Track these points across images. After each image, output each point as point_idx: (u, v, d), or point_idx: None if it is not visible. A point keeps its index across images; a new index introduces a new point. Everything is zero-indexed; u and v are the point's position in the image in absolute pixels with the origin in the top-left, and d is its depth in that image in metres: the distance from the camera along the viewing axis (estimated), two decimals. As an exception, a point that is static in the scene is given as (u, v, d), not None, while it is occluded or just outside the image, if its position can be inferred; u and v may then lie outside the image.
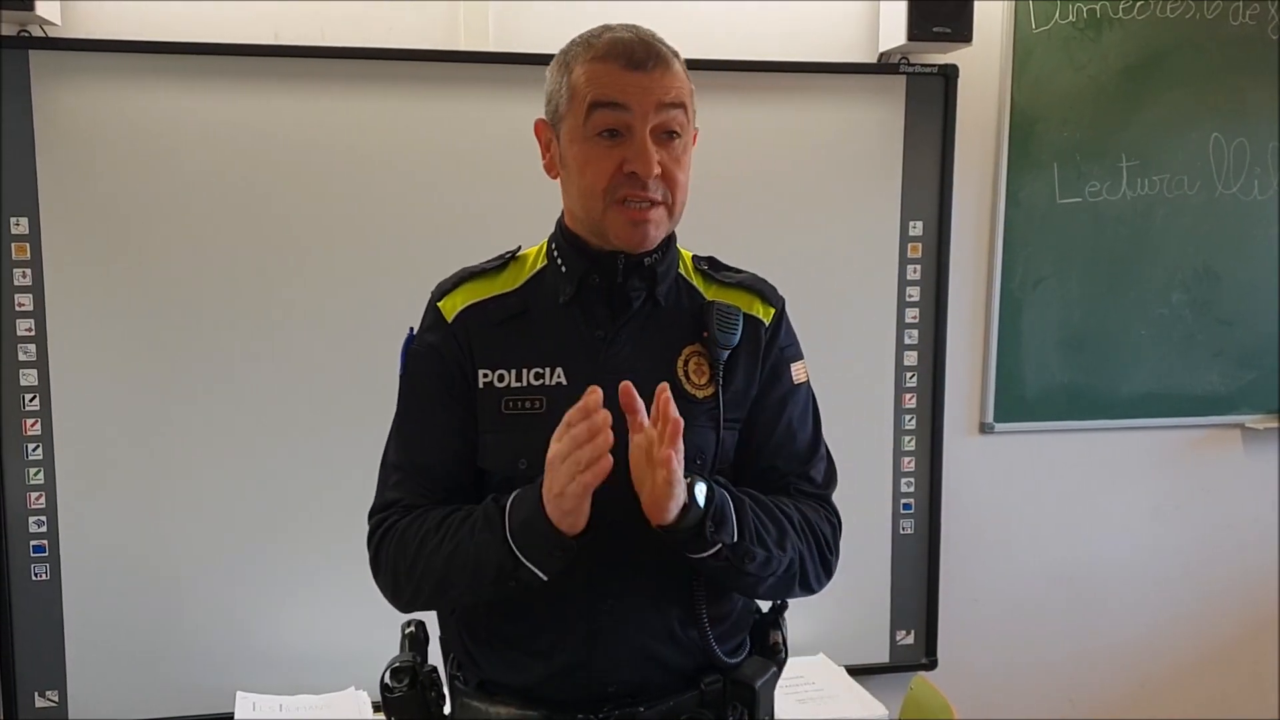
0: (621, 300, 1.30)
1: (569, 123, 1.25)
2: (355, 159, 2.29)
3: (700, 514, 1.16)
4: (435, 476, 1.31)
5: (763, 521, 1.24)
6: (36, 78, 2.15)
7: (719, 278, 1.37)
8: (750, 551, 1.21)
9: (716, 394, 1.29)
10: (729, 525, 1.19)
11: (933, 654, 2.68)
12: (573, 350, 1.29)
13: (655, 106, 1.23)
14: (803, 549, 1.28)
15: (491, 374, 1.29)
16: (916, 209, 2.56)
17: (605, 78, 1.22)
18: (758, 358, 1.33)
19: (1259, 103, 2.72)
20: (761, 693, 1.30)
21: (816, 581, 1.32)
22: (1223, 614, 2.92)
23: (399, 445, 1.35)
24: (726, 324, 1.31)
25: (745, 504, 1.23)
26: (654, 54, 1.23)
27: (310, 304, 2.30)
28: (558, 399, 1.26)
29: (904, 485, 2.62)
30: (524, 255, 1.38)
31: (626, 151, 1.22)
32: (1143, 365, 2.76)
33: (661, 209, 1.26)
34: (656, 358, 1.29)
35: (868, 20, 2.50)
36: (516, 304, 1.32)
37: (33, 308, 2.20)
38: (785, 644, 1.40)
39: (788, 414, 1.35)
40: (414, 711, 1.33)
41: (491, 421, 1.29)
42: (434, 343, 1.32)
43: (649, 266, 1.29)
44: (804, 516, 1.30)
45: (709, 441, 1.28)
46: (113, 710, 2.29)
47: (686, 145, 1.29)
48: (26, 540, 2.24)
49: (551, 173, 1.32)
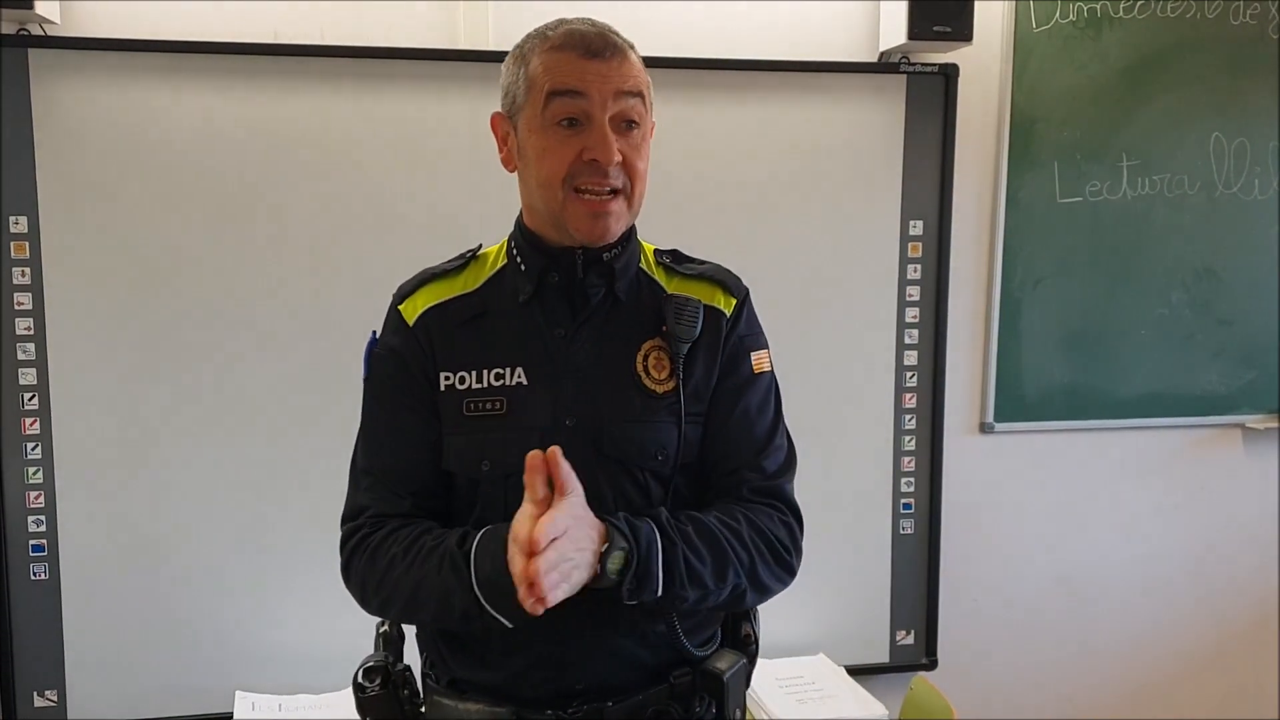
0: (581, 297, 1.30)
1: (527, 113, 1.25)
2: (355, 158, 2.29)
3: (615, 582, 1.14)
4: (402, 480, 1.31)
5: (700, 557, 1.21)
6: (36, 76, 2.15)
7: (681, 270, 1.36)
8: (680, 596, 1.19)
9: (678, 389, 1.28)
10: (651, 581, 1.16)
11: (933, 654, 2.68)
12: (533, 350, 1.29)
13: (614, 94, 1.22)
14: (752, 562, 1.25)
15: (453, 376, 1.29)
16: (917, 208, 2.55)
17: (563, 66, 1.22)
18: (718, 349, 1.32)
19: (1259, 102, 2.71)
20: (730, 684, 1.30)
21: (777, 583, 1.30)
22: (1223, 614, 2.93)
23: (365, 450, 1.35)
24: (685, 317, 1.29)
25: (677, 548, 1.19)
26: (610, 44, 1.23)
27: (310, 303, 2.30)
28: (518, 399, 1.27)
29: (904, 485, 2.62)
30: (484, 254, 1.38)
31: (586, 140, 1.22)
32: (1143, 365, 2.76)
33: (621, 200, 1.25)
34: (616, 354, 1.29)
35: (868, 19, 2.50)
36: (477, 304, 1.32)
37: (31, 306, 2.20)
38: (756, 636, 1.40)
39: (744, 403, 1.32)
40: (386, 710, 1.33)
41: (454, 423, 1.29)
42: (396, 346, 1.33)
43: (607, 263, 1.29)
44: (754, 526, 1.27)
45: (671, 437, 1.28)
46: (111, 710, 2.29)
47: (645, 135, 1.28)
48: (25, 540, 2.24)
49: (509, 166, 1.31)
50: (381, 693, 1.32)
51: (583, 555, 1.11)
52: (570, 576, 1.09)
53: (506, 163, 1.31)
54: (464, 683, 1.31)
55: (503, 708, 1.27)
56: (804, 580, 2.63)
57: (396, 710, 1.33)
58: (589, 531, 1.13)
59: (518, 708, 1.27)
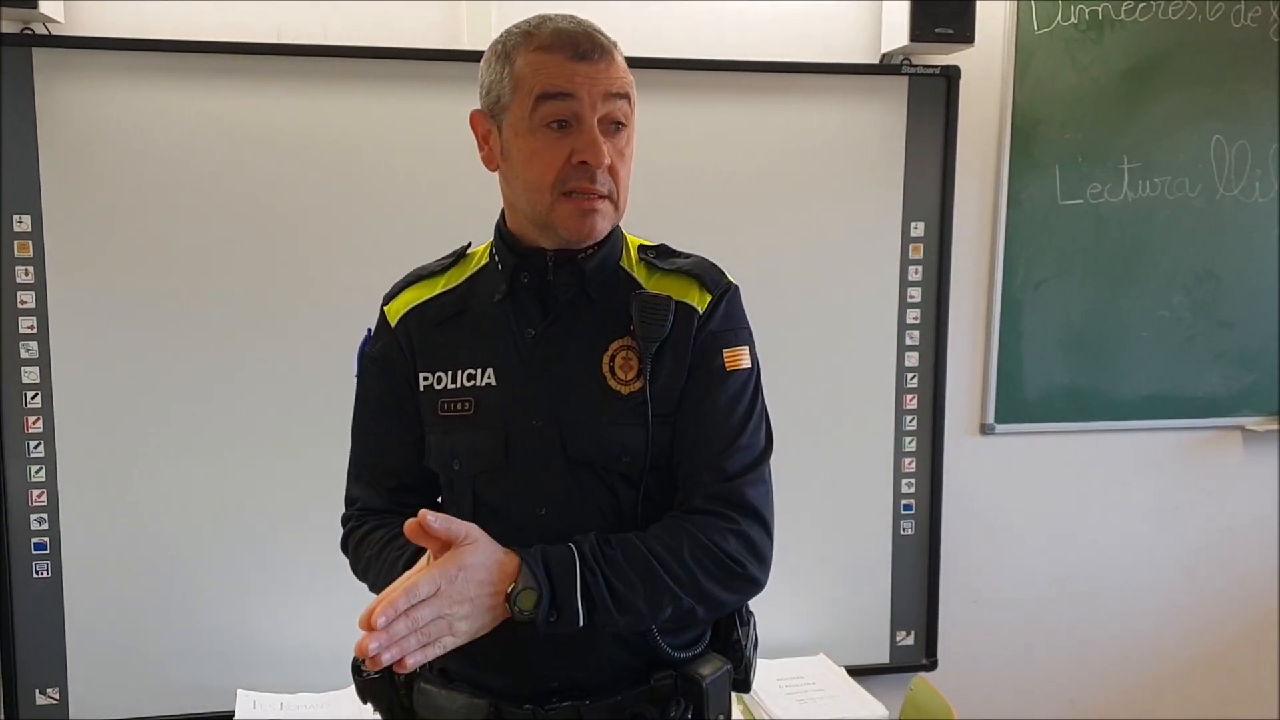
0: (552, 298, 1.29)
1: (513, 114, 1.23)
2: (358, 158, 2.29)
3: (529, 617, 1.14)
4: (383, 477, 1.38)
5: (628, 583, 1.18)
6: (40, 75, 2.15)
7: (661, 266, 1.32)
8: (610, 619, 1.17)
9: (645, 389, 1.25)
10: (570, 614, 1.15)
11: (933, 655, 2.68)
12: (503, 350, 1.29)
13: (603, 96, 1.21)
14: (695, 580, 1.20)
15: (430, 376, 1.32)
16: (918, 210, 2.56)
17: (552, 68, 1.20)
18: (688, 347, 1.27)
19: (1260, 105, 2.72)
20: (710, 690, 1.27)
21: (733, 595, 1.25)
22: (1223, 615, 2.93)
23: (354, 443, 1.42)
24: (653, 316, 1.26)
25: (598, 577, 1.16)
26: (598, 45, 1.22)
27: (313, 303, 2.30)
28: (485, 400, 1.28)
29: (904, 486, 2.62)
30: (472, 253, 1.39)
31: (575, 142, 1.21)
32: (1143, 367, 2.76)
33: (608, 202, 1.25)
34: (583, 355, 1.28)
35: (870, 21, 2.50)
36: (455, 304, 1.34)
37: (35, 305, 2.21)
38: (748, 641, 1.36)
39: (709, 401, 1.27)
40: (383, 695, 1.35)
41: (431, 423, 1.32)
42: (379, 348, 1.37)
43: (578, 263, 1.28)
44: (696, 542, 1.21)
45: (636, 439, 1.25)
46: (113, 708, 2.30)
47: (630, 138, 1.27)
48: (28, 538, 2.24)
49: (490, 165, 1.30)
50: (378, 678, 1.34)
51: (466, 607, 1.11)
52: (455, 629, 1.10)
53: (488, 161, 1.30)
54: (451, 671, 1.32)
55: (482, 699, 1.28)
56: (804, 580, 2.65)
57: (392, 694, 1.34)
58: (483, 576, 1.12)
59: (495, 699, 1.28)
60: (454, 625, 1.11)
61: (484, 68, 1.28)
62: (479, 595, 1.12)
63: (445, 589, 1.10)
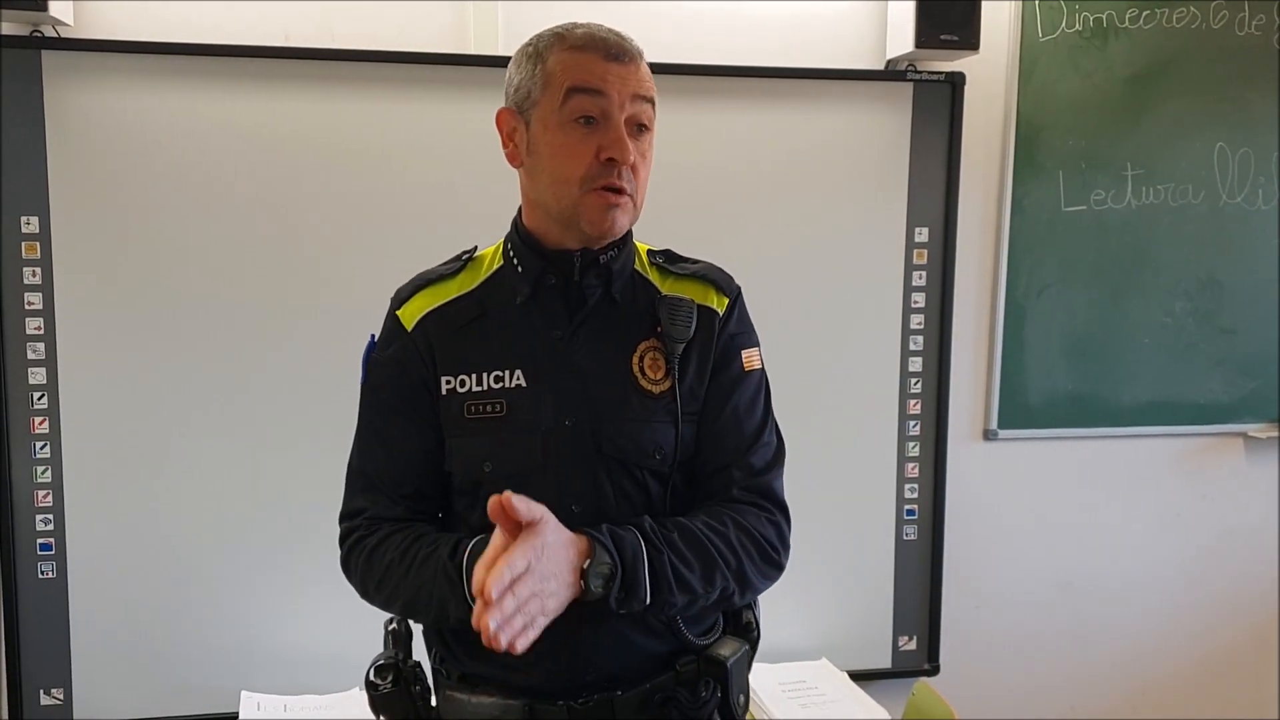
0: (578, 299, 1.31)
1: (542, 109, 1.25)
2: (366, 161, 2.30)
3: (601, 595, 1.16)
4: (397, 485, 1.33)
5: (686, 563, 1.22)
6: (48, 78, 2.16)
7: (674, 270, 1.37)
8: (668, 602, 1.21)
9: (673, 388, 1.30)
10: (639, 591, 1.18)
11: (935, 660, 2.68)
12: (531, 351, 1.30)
13: (631, 97, 1.24)
14: (739, 563, 1.27)
15: (454, 380, 1.31)
16: (922, 215, 2.57)
17: (584, 65, 1.24)
18: (711, 348, 1.33)
19: (1264, 113, 2.73)
20: (733, 669, 1.32)
21: (764, 581, 1.32)
22: (1224, 622, 2.93)
23: (361, 453, 1.38)
24: (680, 318, 1.31)
25: (664, 556, 1.21)
26: (628, 50, 1.26)
27: (320, 305, 2.31)
28: (518, 401, 1.29)
29: (908, 491, 2.63)
30: (481, 256, 1.39)
31: (602, 139, 1.23)
32: (1146, 373, 2.76)
33: (629, 200, 1.27)
34: (613, 355, 1.31)
35: (875, 27, 2.51)
36: (474, 307, 1.34)
37: (42, 306, 2.21)
38: (758, 622, 1.41)
39: (734, 401, 1.33)
40: (400, 707, 1.34)
41: (455, 426, 1.31)
42: (394, 353, 1.35)
43: (605, 264, 1.30)
44: (741, 528, 1.28)
45: (668, 437, 1.29)
46: (117, 709, 2.30)
47: (651, 142, 1.30)
48: (33, 538, 2.25)
49: (515, 162, 1.32)
50: (394, 690, 1.33)
51: (553, 583, 1.12)
52: (546, 607, 1.10)
53: (512, 158, 1.32)
54: (475, 676, 1.32)
55: (516, 700, 1.28)
56: (807, 585, 2.65)
57: (410, 706, 1.34)
58: (561, 555, 1.13)
59: (530, 700, 1.28)
60: (545, 603, 1.10)
61: (513, 67, 1.30)
62: (561, 572, 1.13)
63: (535, 565, 1.10)
